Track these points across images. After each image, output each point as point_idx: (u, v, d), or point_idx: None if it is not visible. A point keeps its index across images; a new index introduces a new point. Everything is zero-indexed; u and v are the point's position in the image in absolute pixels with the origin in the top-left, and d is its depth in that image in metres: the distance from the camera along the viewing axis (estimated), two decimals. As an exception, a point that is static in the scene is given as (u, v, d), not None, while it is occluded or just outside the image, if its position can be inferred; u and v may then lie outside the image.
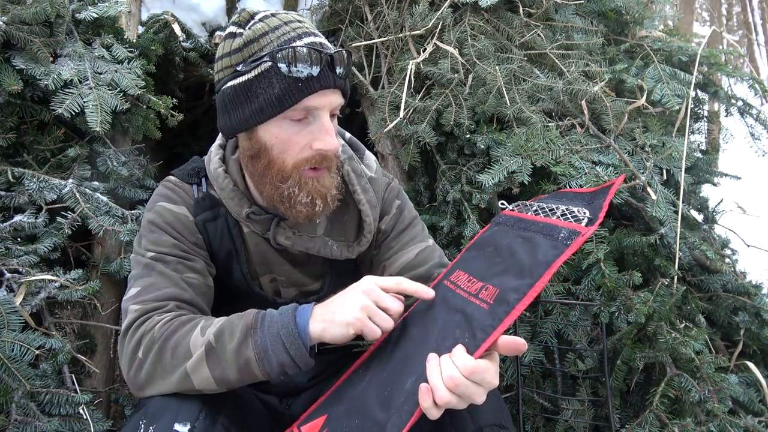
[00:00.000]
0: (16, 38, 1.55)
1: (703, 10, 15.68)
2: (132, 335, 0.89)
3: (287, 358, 0.83)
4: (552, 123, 1.77)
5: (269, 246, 1.09)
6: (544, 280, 0.78)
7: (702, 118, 2.15)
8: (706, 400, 1.39)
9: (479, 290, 0.84)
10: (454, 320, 0.82)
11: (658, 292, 1.54)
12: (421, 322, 0.88)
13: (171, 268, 0.97)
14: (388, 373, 0.83)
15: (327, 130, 0.93)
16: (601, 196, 0.94)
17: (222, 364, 0.84)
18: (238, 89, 0.93)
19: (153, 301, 0.93)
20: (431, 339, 0.82)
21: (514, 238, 0.90)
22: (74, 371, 1.34)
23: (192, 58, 2.15)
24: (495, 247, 0.92)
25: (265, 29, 0.93)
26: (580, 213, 0.87)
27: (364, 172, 1.12)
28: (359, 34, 2.21)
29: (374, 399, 0.80)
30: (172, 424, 0.81)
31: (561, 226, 0.85)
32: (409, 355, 0.83)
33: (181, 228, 1.03)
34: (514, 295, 0.78)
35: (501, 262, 0.86)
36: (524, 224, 0.92)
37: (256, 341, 0.83)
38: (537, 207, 0.96)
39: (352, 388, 0.87)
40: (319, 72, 0.90)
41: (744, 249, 2.04)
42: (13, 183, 1.49)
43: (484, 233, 1.01)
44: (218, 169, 1.05)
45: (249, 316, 0.87)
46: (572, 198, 0.97)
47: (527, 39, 1.93)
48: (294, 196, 0.96)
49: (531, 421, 1.51)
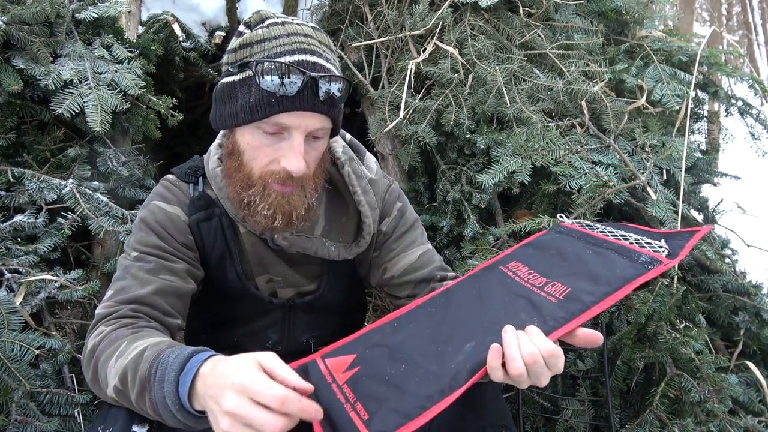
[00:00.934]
0: (16, 38, 1.55)
1: (703, 10, 15.69)
2: (87, 340, 0.91)
3: (178, 422, 0.75)
4: (552, 123, 1.77)
5: (266, 246, 1.09)
6: (623, 292, 0.77)
7: (702, 118, 2.15)
8: (706, 400, 1.39)
9: (544, 285, 0.83)
10: (518, 303, 0.81)
11: (658, 292, 1.54)
12: (472, 295, 0.88)
13: (147, 269, 0.97)
14: (436, 331, 0.82)
15: (296, 151, 0.91)
16: (679, 238, 0.90)
17: (133, 406, 0.81)
18: (225, 88, 0.95)
19: (115, 304, 0.93)
20: (490, 312, 0.81)
21: (582, 249, 0.89)
22: (74, 371, 1.34)
23: (192, 58, 2.15)
24: (559, 252, 0.91)
25: (262, 37, 0.92)
26: (656, 245, 0.85)
27: (365, 173, 1.11)
28: (359, 34, 2.21)
29: (423, 351, 0.79)
30: (129, 426, 0.82)
31: (640, 252, 0.84)
32: (462, 320, 0.83)
33: (170, 228, 1.02)
34: (590, 297, 0.77)
35: (568, 266, 0.86)
36: (594, 240, 0.91)
37: (151, 398, 0.76)
38: (603, 229, 0.96)
39: (391, 335, 0.85)
40: (296, 93, 0.88)
41: (744, 249, 2.04)
42: (13, 183, 1.49)
43: (541, 237, 1.00)
44: (216, 168, 1.05)
45: (146, 366, 0.77)
46: (641, 232, 0.95)
47: (527, 39, 1.93)
48: (254, 205, 0.96)
49: (531, 421, 1.51)
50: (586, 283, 0.80)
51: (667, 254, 0.83)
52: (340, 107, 0.96)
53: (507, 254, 0.97)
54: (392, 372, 0.77)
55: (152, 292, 0.95)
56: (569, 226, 1.00)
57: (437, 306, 0.89)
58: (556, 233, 1.00)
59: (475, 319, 0.81)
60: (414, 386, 0.74)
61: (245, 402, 0.63)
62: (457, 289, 0.92)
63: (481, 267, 0.97)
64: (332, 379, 0.79)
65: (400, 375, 0.76)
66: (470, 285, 0.91)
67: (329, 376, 0.80)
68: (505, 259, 0.95)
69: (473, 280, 0.92)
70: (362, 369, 0.80)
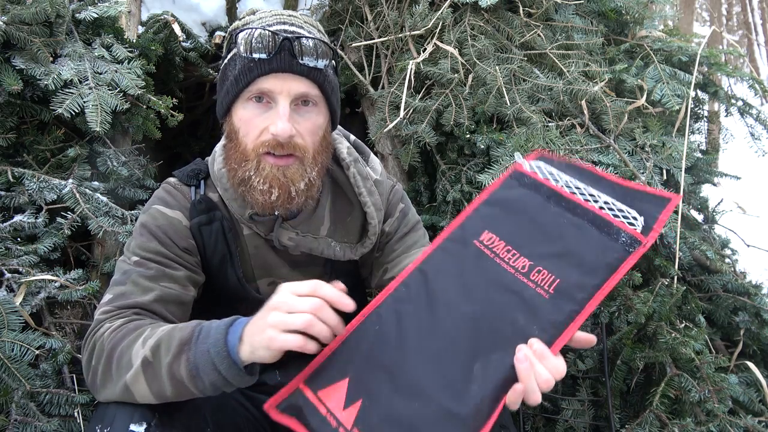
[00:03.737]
0: (16, 38, 1.55)
1: (703, 10, 15.68)
2: (88, 342, 0.90)
3: (219, 377, 0.78)
4: (552, 123, 1.77)
5: (270, 248, 1.09)
6: (611, 284, 0.73)
7: (702, 118, 2.15)
8: (706, 400, 1.39)
9: (529, 270, 0.77)
10: (511, 302, 0.75)
11: (658, 292, 1.54)
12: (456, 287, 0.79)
13: (148, 276, 0.97)
14: (431, 342, 0.75)
15: (281, 115, 0.92)
16: (647, 201, 0.82)
17: (158, 380, 0.81)
18: (220, 75, 0.99)
19: (115, 309, 0.93)
20: (483, 314, 0.75)
21: (557, 217, 0.81)
22: (74, 371, 1.34)
23: (192, 58, 2.15)
24: (533, 220, 0.82)
25: (249, 20, 0.97)
26: (629, 213, 0.79)
27: (370, 174, 1.12)
28: (359, 34, 2.21)
29: (427, 374, 0.72)
30: (127, 425, 0.81)
31: (618, 227, 0.77)
32: (456, 327, 0.76)
33: (172, 233, 1.02)
34: (581, 294, 0.73)
35: (548, 243, 0.79)
36: (566, 203, 0.82)
37: (189, 358, 0.79)
38: (568, 181, 0.86)
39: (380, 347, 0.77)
40: (273, 55, 0.90)
41: (744, 249, 2.04)
42: (13, 183, 1.49)
43: (507, 192, 0.88)
44: (222, 169, 1.05)
45: (186, 330, 0.83)
46: (600, 183, 0.86)
47: (527, 39, 1.93)
48: (249, 180, 0.96)
49: (531, 421, 1.52)
50: (572, 271, 0.75)
51: (641, 228, 0.77)
52: (326, 74, 0.97)
53: (474, 217, 0.86)
54: (403, 410, 0.70)
55: (153, 300, 0.94)
56: (531, 175, 0.88)
57: (419, 302, 0.80)
58: (521, 186, 0.88)
59: (470, 326, 0.75)
60: (433, 430, 0.68)
61: (281, 318, 0.74)
62: (435, 276, 0.82)
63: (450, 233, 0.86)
64: (337, 422, 0.71)
65: (414, 414, 0.70)
66: (448, 269, 0.82)
67: (332, 418, 0.72)
68: (475, 226, 0.85)
69: (449, 260, 0.83)
70: (367, 404, 0.72)
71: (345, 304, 0.77)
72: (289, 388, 0.78)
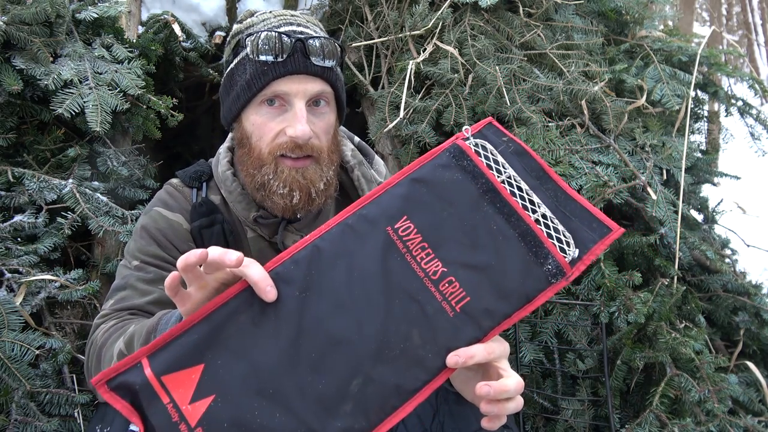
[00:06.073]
0: (16, 38, 1.55)
1: (703, 10, 15.68)
2: (87, 344, 0.92)
3: None
4: (552, 123, 1.77)
5: (274, 251, 1.08)
6: (519, 316, 0.65)
7: (702, 118, 2.15)
8: (706, 400, 1.39)
9: (441, 278, 0.66)
10: (411, 313, 0.65)
11: (658, 292, 1.54)
12: (349, 277, 0.66)
13: (147, 279, 0.97)
14: (307, 340, 0.64)
15: (298, 117, 0.92)
16: (588, 224, 0.71)
17: None
18: (225, 80, 0.98)
19: (112, 312, 0.94)
20: (378, 324, 0.64)
21: (487, 219, 0.69)
22: (74, 371, 1.34)
23: (192, 58, 2.15)
24: (461, 218, 0.70)
25: (252, 22, 0.96)
26: (563, 235, 0.70)
27: (374, 177, 1.12)
28: (359, 34, 2.21)
29: (296, 381, 0.62)
30: (127, 425, 0.82)
31: (548, 250, 0.67)
32: (343, 333, 0.64)
33: (172, 236, 1.02)
34: (488, 322, 0.65)
35: (468, 248, 0.68)
36: (501, 205, 0.70)
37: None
38: (512, 178, 0.73)
39: (250, 334, 0.64)
40: (287, 57, 0.90)
41: (744, 249, 2.04)
42: (13, 183, 1.49)
43: (435, 168, 0.73)
44: (227, 171, 1.05)
45: (155, 318, 0.82)
46: (545, 185, 0.75)
47: (527, 39, 1.93)
48: (269, 184, 0.95)
49: (531, 421, 1.51)
50: (486, 293, 0.66)
51: (571, 260, 0.68)
52: (337, 72, 0.98)
53: (394, 193, 0.71)
54: (259, 418, 0.60)
55: (150, 302, 0.95)
56: (473, 157, 0.73)
57: (306, 288, 0.66)
58: (458, 169, 0.73)
59: (356, 332, 0.64)
60: None
61: None
62: (331, 258, 0.68)
63: (363, 206, 0.71)
64: (179, 417, 0.60)
65: (270, 427, 0.60)
66: (347, 253, 0.68)
67: (174, 410, 0.60)
68: (393, 206, 0.70)
69: (351, 242, 0.69)
70: (219, 402, 0.61)
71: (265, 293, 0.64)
72: (129, 360, 0.62)
